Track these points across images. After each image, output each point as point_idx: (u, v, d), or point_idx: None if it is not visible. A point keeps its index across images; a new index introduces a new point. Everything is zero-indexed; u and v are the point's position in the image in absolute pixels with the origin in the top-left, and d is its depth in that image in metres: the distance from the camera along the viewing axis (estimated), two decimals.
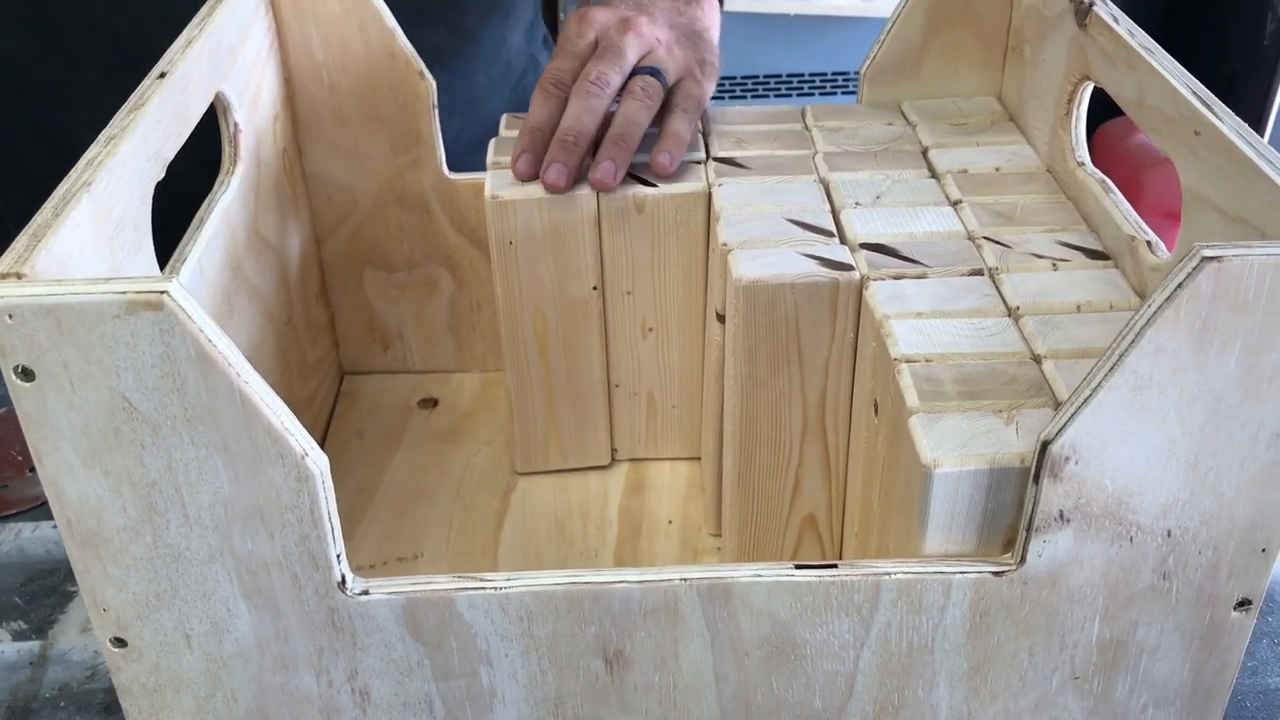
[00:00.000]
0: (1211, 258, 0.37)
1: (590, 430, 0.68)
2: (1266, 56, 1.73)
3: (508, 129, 0.66)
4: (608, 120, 0.61)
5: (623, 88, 0.62)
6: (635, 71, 0.62)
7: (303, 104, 0.67)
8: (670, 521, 0.66)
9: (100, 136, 0.45)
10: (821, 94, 1.85)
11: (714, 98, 0.74)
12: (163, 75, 0.50)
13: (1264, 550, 0.44)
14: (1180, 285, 0.38)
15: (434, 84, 0.67)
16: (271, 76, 0.64)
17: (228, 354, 0.38)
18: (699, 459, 0.70)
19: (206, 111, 0.54)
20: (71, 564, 0.42)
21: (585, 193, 0.60)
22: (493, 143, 0.64)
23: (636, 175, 0.61)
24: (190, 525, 0.41)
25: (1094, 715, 0.47)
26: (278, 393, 0.40)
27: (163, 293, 0.36)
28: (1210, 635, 0.46)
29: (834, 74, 1.84)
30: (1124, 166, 1.69)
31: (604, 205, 0.60)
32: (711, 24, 0.69)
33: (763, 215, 0.57)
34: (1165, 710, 0.47)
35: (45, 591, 0.64)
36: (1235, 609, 0.45)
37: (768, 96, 1.85)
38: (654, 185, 0.60)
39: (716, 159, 0.63)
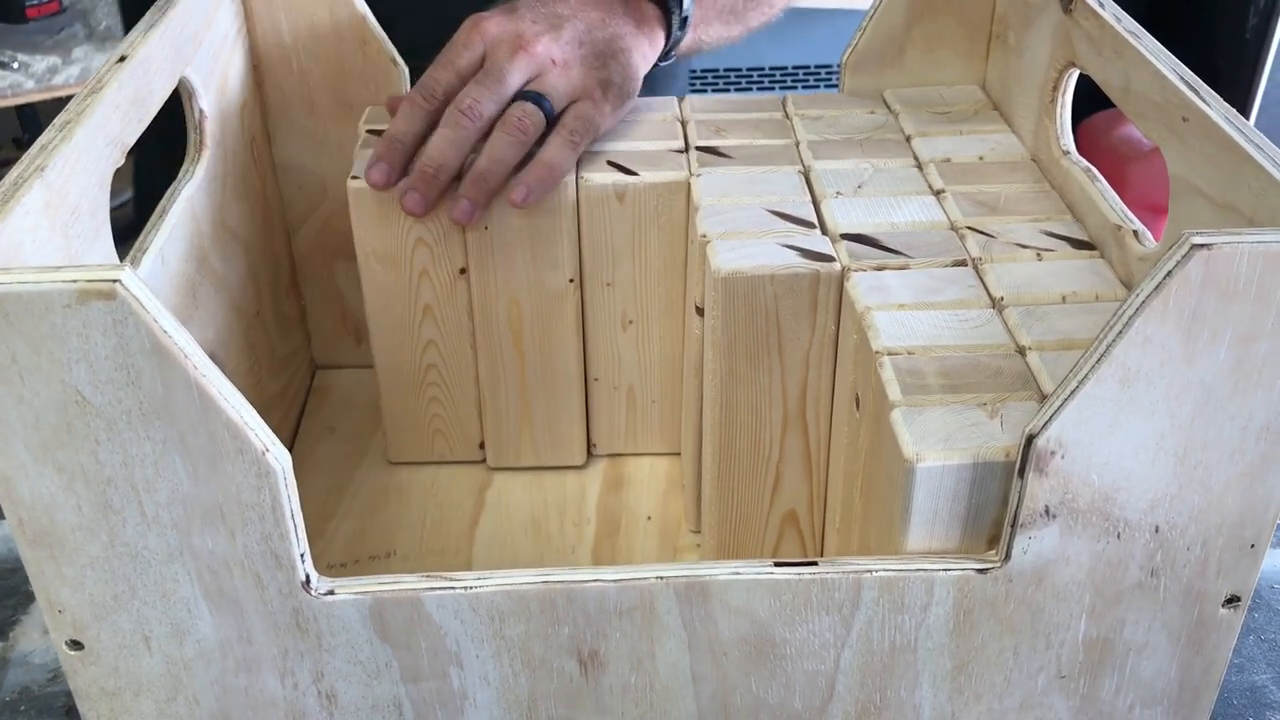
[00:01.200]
0: (1201, 245, 0.36)
1: (564, 426, 0.67)
2: (1249, 49, 1.73)
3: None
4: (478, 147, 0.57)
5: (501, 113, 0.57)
6: (518, 95, 0.58)
7: (272, 90, 0.66)
8: (649, 518, 0.65)
9: (55, 121, 0.44)
10: (804, 87, 1.84)
11: (695, 90, 0.72)
12: (122, 59, 0.48)
13: (1253, 546, 0.43)
14: (1169, 274, 0.37)
15: (406, 70, 0.66)
16: (239, 62, 0.62)
17: (184, 346, 0.36)
18: (679, 454, 0.68)
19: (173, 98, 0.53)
20: (24, 564, 0.41)
21: (566, 180, 0.58)
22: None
23: (616, 164, 0.60)
24: (148, 523, 0.40)
25: (1080, 715, 0.46)
26: (246, 388, 0.38)
27: (115, 281, 0.35)
28: (1198, 633, 0.45)
29: (816, 66, 1.83)
30: (1108, 160, 1.69)
31: (583, 194, 0.59)
32: (635, 45, 0.62)
33: (742, 206, 0.56)
34: (1152, 709, 0.46)
35: (5, 592, 0.62)
36: (1224, 606, 0.44)
37: (750, 89, 1.83)
38: (635, 174, 0.59)
39: (698, 148, 0.61)
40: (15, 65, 1.78)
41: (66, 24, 1.83)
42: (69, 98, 0.46)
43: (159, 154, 0.64)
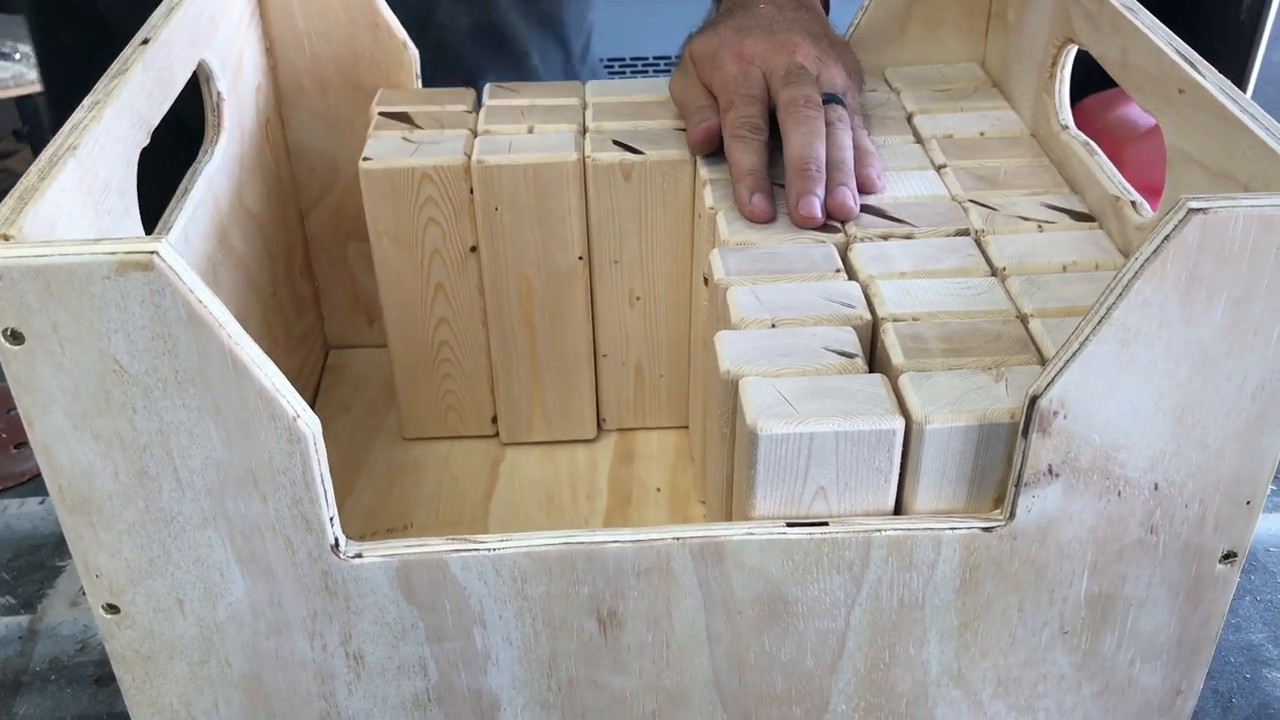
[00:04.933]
0: (1198, 209, 0.38)
1: (575, 401, 0.68)
2: (1244, 31, 1.74)
3: (492, 98, 0.66)
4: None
5: None
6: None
7: (285, 73, 0.67)
8: (659, 489, 0.67)
9: (84, 102, 0.45)
10: None
11: None
12: (146, 41, 0.50)
13: (1249, 502, 0.44)
14: (1167, 238, 0.38)
15: (416, 53, 0.67)
16: (253, 45, 0.64)
17: (219, 315, 0.38)
18: (687, 428, 0.70)
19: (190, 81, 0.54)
20: (63, 530, 0.42)
21: (573, 159, 0.60)
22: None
23: (621, 143, 0.61)
24: (182, 489, 0.41)
25: (1082, 669, 0.48)
26: None
27: (153, 253, 0.36)
28: (1196, 588, 0.46)
29: None
30: (1103, 141, 1.69)
31: (590, 172, 0.60)
32: (828, 21, 0.65)
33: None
34: (1152, 663, 0.48)
35: (33, 566, 0.64)
36: (1221, 561, 0.45)
37: None
38: (641, 152, 0.60)
39: None
40: (17, 56, 1.78)
41: None
42: None
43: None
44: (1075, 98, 0.61)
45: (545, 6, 0.86)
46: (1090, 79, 0.56)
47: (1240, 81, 1.70)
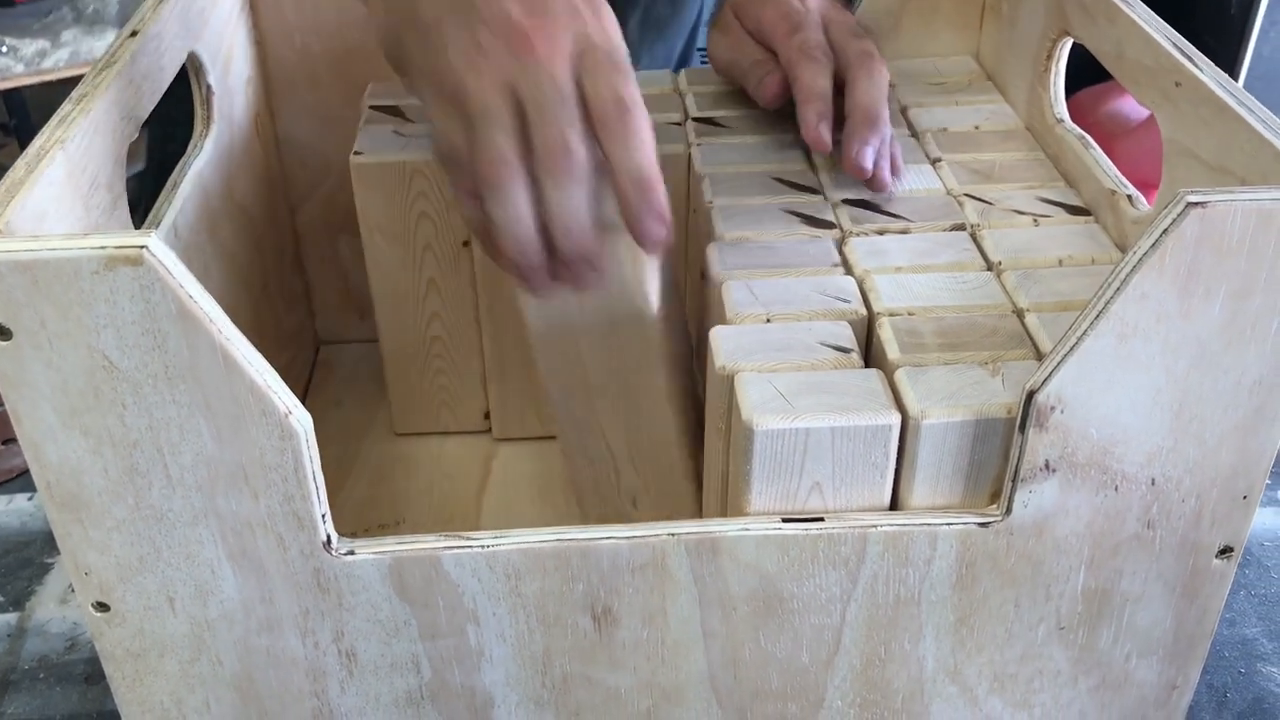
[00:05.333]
0: (1196, 203, 0.37)
1: None
2: (1234, 26, 1.74)
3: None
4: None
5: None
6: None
7: (275, 66, 0.66)
8: None
9: (72, 94, 0.44)
10: None
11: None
12: (134, 34, 0.49)
13: (1245, 497, 0.44)
14: (1165, 231, 0.38)
15: None
16: (243, 38, 0.63)
17: (209, 310, 0.37)
18: None
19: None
20: (52, 527, 0.42)
21: None
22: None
23: None
24: (173, 486, 0.41)
25: (1078, 665, 0.48)
26: None
27: (142, 247, 0.36)
28: (1193, 583, 0.46)
29: None
30: (1095, 135, 1.70)
31: None
32: None
33: (743, 174, 0.57)
34: (1148, 658, 0.48)
35: (21, 564, 0.63)
36: (1217, 557, 0.45)
37: None
38: None
39: (695, 119, 0.62)
40: (4, 49, 1.77)
41: (54, 7, 1.82)
42: (59, 82, 0.47)
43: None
44: (1065, 93, 0.61)
45: (659, 11, 0.83)
46: (1079, 74, 0.55)
47: (1231, 76, 1.70)
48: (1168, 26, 0.49)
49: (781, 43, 0.56)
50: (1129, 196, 0.52)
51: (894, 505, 0.45)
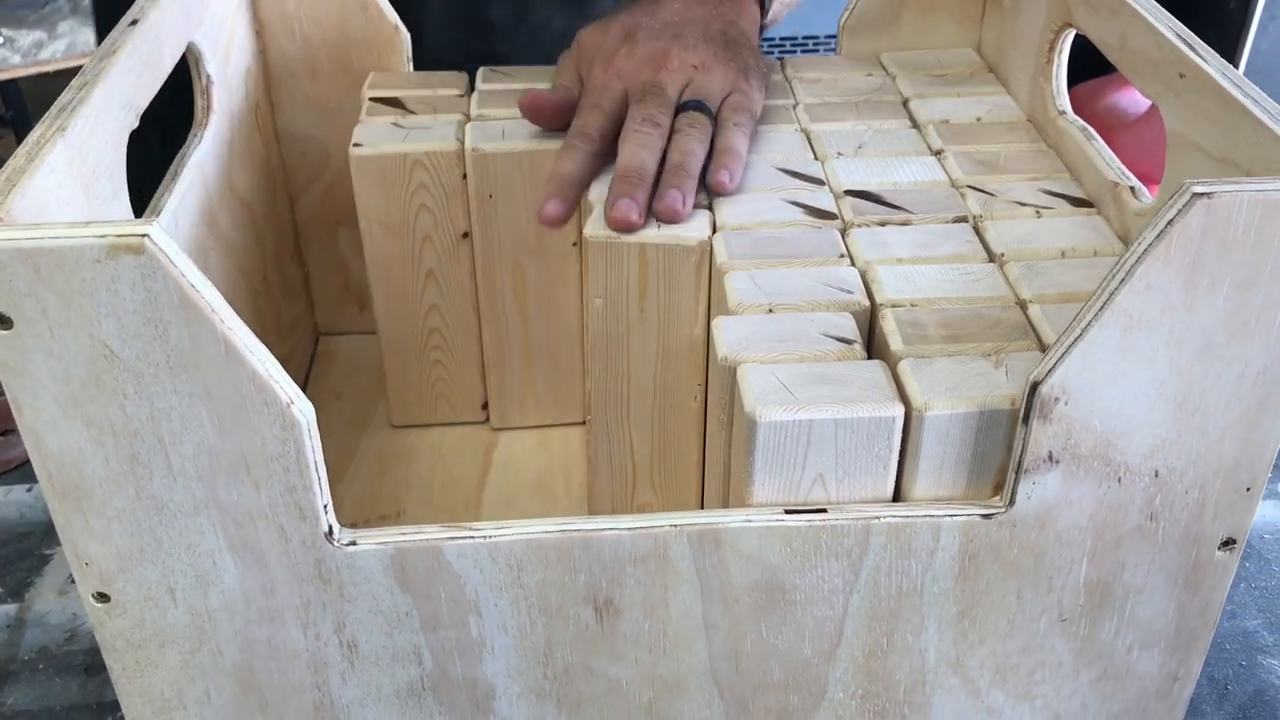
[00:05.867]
0: (1202, 194, 0.37)
1: (567, 385, 0.68)
2: (1233, 20, 1.74)
3: (485, 82, 0.65)
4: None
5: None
6: (678, 109, 0.58)
7: (274, 56, 0.66)
8: None
9: (72, 83, 0.44)
10: (803, 52, 1.84)
11: None
12: (134, 23, 0.49)
13: (1248, 490, 0.44)
14: (1170, 222, 0.38)
15: (408, 35, 0.66)
16: (243, 28, 0.63)
17: (211, 299, 0.37)
18: None
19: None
20: (52, 517, 0.41)
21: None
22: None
23: None
24: (174, 476, 0.41)
25: (1080, 656, 0.48)
26: None
27: (144, 235, 0.36)
28: (1195, 575, 0.46)
29: (804, 38, 1.83)
30: (1094, 128, 1.70)
31: None
32: (747, 26, 0.64)
33: (749, 164, 0.57)
34: (1150, 650, 0.48)
35: (20, 555, 0.63)
36: (1220, 549, 0.45)
37: None
38: None
39: None
40: (0, 40, 1.77)
41: None
42: (56, 73, 0.47)
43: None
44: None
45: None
46: (1076, 68, 0.55)
47: None
48: (1171, 17, 0.49)
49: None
50: (1132, 188, 0.52)
51: (897, 497, 0.45)
